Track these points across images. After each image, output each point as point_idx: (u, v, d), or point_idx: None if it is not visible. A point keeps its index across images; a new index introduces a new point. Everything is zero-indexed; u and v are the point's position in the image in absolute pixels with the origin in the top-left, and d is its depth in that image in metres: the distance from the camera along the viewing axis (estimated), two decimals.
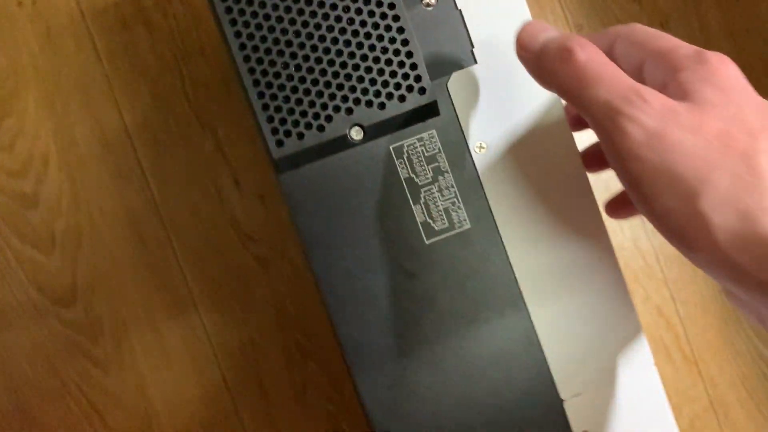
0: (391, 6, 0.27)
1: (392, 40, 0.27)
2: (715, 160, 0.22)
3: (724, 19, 0.57)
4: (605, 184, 0.51)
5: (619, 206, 0.34)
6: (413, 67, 0.27)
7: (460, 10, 0.28)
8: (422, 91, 0.28)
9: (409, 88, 0.28)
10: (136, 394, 0.53)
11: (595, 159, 0.32)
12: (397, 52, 0.27)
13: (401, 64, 0.27)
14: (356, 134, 0.28)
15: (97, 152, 0.53)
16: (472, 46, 0.29)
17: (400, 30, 0.27)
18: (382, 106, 0.28)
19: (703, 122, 0.22)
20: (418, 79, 0.28)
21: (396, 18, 0.27)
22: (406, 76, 0.28)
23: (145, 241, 0.53)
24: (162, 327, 0.53)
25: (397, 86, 0.28)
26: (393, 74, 0.27)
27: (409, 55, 0.27)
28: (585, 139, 0.33)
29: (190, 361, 0.53)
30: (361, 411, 0.28)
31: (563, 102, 0.29)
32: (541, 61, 0.25)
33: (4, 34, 0.53)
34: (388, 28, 0.27)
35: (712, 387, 0.57)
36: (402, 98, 0.28)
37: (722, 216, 0.22)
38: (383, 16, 0.27)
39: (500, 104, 0.29)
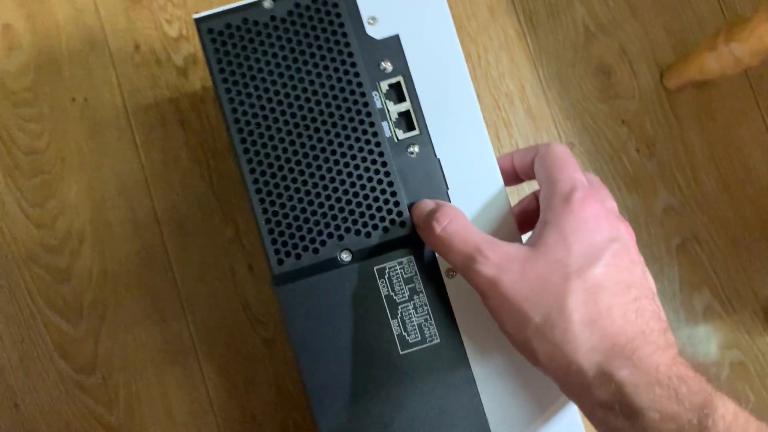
0: (381, 154, 0.33)
1: (380, 182, 0.33)
2: (533, 300, 0.28)
3: (706, 143, 0.62)
4: None
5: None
6: (396, 204, 0.33)
7: (438, 159, 0.34)
8: (403, 224, 0.33)
9: (392, 222, 0.33)
10: None
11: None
12: (383, 191, 0.33)
13: (386, 201, 0.33)
14: (345, 257, 0.33)
15: (128, 234, 0.59)
16: (447, 188, 0.34)
17: (387, 174, 0.33)
18: (368, 234, 0.33)
19: (528, 269, 0.28)
20: (399, 214, 0.33)
21: (384, 164, 0.33)
22: (389, 212, 0.33)
23: (164, 318, 0.58)
24: (172, 399, 0.57)
25: (382, 219, 0.33)
26: (379, 209, 0.33)
27: (393, 194, 0.33)
28: None
29: None
30: None
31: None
32: (421, 231, 0.33)
33: (57, 126, 0.59)
34: (377, 171, 0.33)
35: None
36: (386, 229, 0.33)
37: (539, 343, 0.28)
38: (373, 161, 0.33)
39: None
